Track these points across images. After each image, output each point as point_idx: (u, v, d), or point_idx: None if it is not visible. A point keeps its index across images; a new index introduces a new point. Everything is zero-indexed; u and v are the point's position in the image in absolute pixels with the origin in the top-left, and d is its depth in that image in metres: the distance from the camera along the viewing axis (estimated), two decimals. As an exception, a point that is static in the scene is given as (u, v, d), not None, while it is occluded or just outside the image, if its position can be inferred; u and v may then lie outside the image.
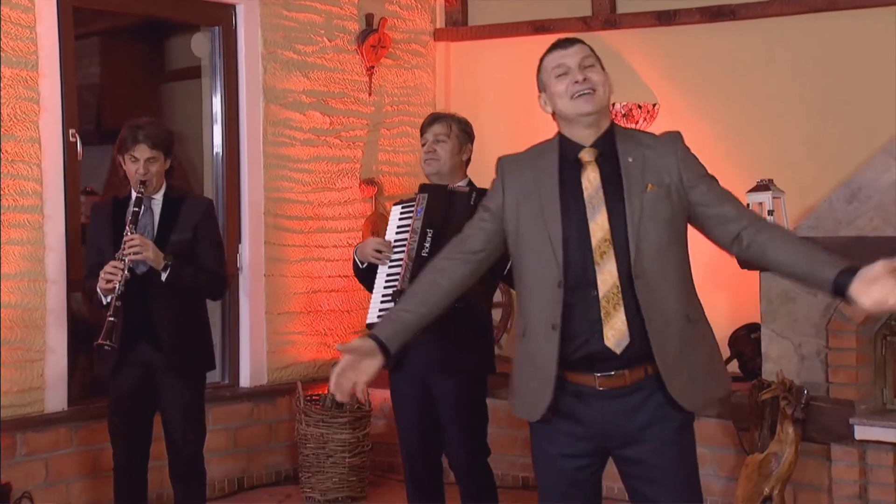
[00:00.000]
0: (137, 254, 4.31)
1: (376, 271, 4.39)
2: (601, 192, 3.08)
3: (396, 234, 4.40)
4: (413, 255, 4.27)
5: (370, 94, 6.59)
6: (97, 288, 4.37)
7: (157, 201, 4.52)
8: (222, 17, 6.05)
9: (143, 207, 4.44)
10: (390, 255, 4.34)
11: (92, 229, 4.65)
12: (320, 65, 6.37)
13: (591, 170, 3.11)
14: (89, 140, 5.55)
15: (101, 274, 4.32)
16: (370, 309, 4.37)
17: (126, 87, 7.32)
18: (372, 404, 5.98)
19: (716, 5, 5.96)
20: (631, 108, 5.83)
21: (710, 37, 6.02)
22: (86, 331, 5.09)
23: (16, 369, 5.11)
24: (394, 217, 4.46)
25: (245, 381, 6.07)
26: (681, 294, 3.08)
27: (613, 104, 5.83)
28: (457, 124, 4.49)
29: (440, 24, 6.93)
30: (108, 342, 4.24)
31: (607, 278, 3.03)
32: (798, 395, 4.86)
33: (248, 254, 6.05)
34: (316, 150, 6.34)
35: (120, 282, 4.27)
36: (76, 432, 5.28)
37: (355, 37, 6.52)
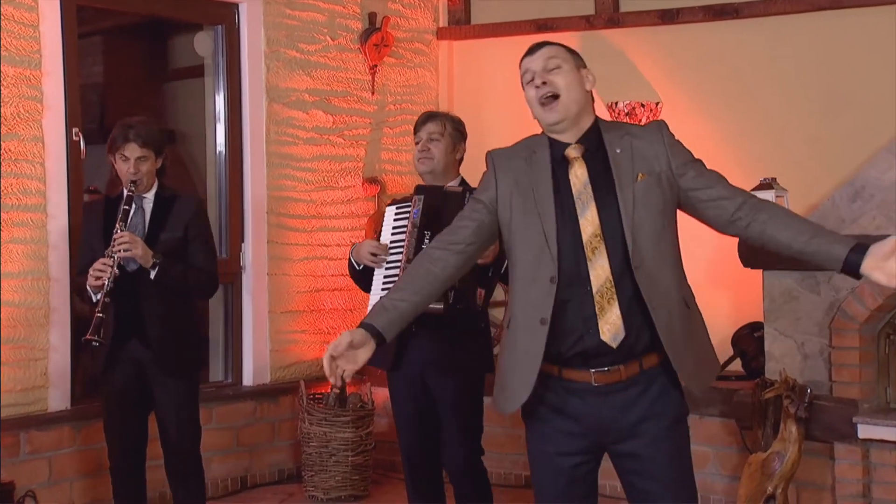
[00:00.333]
0: (127, 251, 4.32)
1: (373, 273, 4.39)
2: (589, 188, 3.10)
3: (392, 235, 4.39)
4: (411, 257, 4.26)
5: (373, 93, 6.59)
6: (87, 285, 4.37)
7: (149, 200, 4.53)
8: (225, 15, 6.05)
9: (133, 206, 4.45)
10: (386, 257, 4.34)
11: (84, 228, 4.66)
12: (323, 63, 6.37)
13: (578, 166, 3.13)
14: (92, 139, 5.55)
15: (91, 271, 4.33)
16: (368, 311, 4.35)
17: (129, 85, 7.32)
18: (375, 403, 5.98)
19: (719, 4, 5.96)
20: (634, 107, 5.82)
21: (713, 35, 6.02)
22: (87, 330, 5.09)
23: (19, 368, 5.11)
24: (388, 218, 4.44)
25: (248, 379, 6.07)
26: (677, 280, 3.12)
27: (616, 102, 5.84)
28: (450, 123, 4.49)
29: (443, 22, 6.93)
30: (95, 338, 4.24)
31: (600, 273, 3.05)
32: (801, 393, 4.86)
33: (251, 253, 6.05)
34: (319, 149, 6.35)
35: (109, 278, 4.27)
36: (79, 431, 5.28)
37: (358, 35, 6.52)
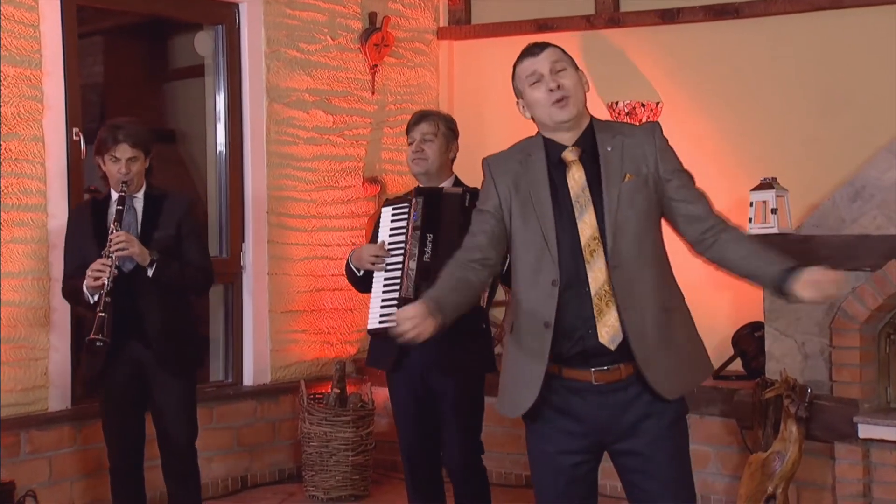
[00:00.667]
0: (123, 250, 4.32)
1: (372, 277, 4.39)
2: (587, 190, 3.12)
3: (390, 236, 4.38)
4: (415, 260, 4.26)
5: (373, 93, 6.59)
6: (83, 287, 4.37)
7: (139, 200, 4.54)
8: (226, 15, 6.05)
9: (126, 206, 4.45)
10: (386, 258, 4.34)
11: (71, 232, 4.64)
12: (324, 63, 6.37)
13: (575, 169, 3.14)
14: (93, 139, 5.48)
15: (88, 272, 4.32)
16: (370, 314, 4.36)
17: (129, 85, 7.32)
18: (375, 403, 5.98)
19: (719, 4, 5.95)
20: (634, 107, 5.82)
21: (714, 35, 6.01)
22: (88, 330, 5.08)
23: (19, 368, 5.12)
24: (385, 219, 4.43)
25: (248, 379, 6.07)
26: (657, 283, 3.12)
27: (617, 102, 5.84)
28: (443, 122, 4.48)
29: (443, 22, 6.93)
30: (100, 337, 4.24)
31: (598, 276, 3.07)
32: (801, 393, 4.86)
33: (252, 252, 6.05)
34: (319, 149, 6.34)
35: (108, 278, 4.28)
36: (79, 431, 5.28)
37: (358, 35, 6.52)
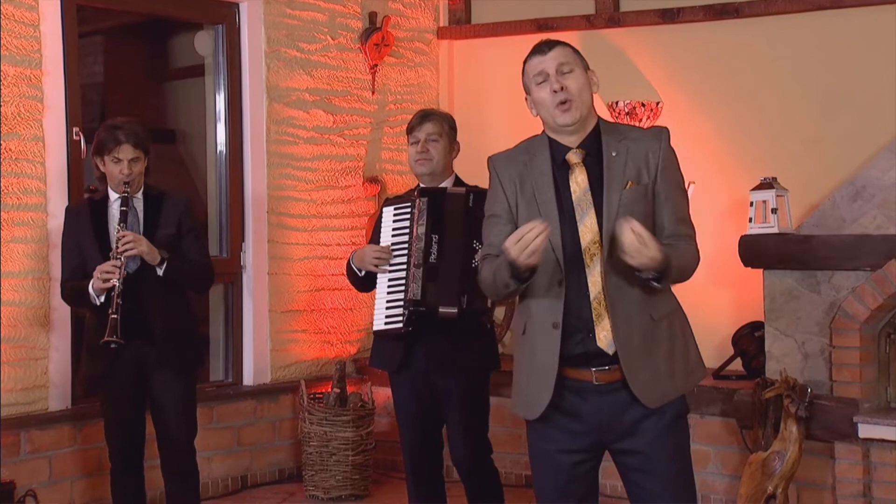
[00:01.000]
0: (132, 250, 4.33)
1: (374, 277, 4.38)
2: (589, 194, 3.12)
3: (392, 236, 4.38)
4: (420, 262, 4.25)
5: (373, 93, 6.59)
6: (89, 288, 4.37)
7: (139, 200, 4.54)
8: (226, 15, 6.05)
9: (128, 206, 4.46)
10: (389, 259, 4.33)
11: (70, 232, 4.61)
12: (324, 63, 6.37)
13: (578, 172, 3.14)
14: (93, 138, 5.54)
15: (97, 274, 4.33)
16: (375, 315, 4.36)
17: (129, 85, 7.32)
18: (375, 402, 5.98)
19: (719, 3, 5.95)
20: (634, 107, 5.82)
21: (714, 35, 6.01)
22: (88, 330, 5.08)
23: (19, 367, 5.12)
24: (387, 219, 4.42)
25: (248, 379, 6.07)
26: (646, 292, 3.10)
27: (617, 102, 5.84)
28: (447, 122, 4.48)
29: (443, 22, 6.93)
30: (114, 339, 4.25)
31: (596, 280, 3.08)
32: (801, 393, 4.86)
33: (252, 252, 6.05)
34: (319, 149, 6.34)
35: (119, 279, 4.28)
36: (79, 430, 5.28)
37: (359, 35, 6.52)
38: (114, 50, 7.18)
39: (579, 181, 3.12)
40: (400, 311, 4.26)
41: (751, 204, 5.26)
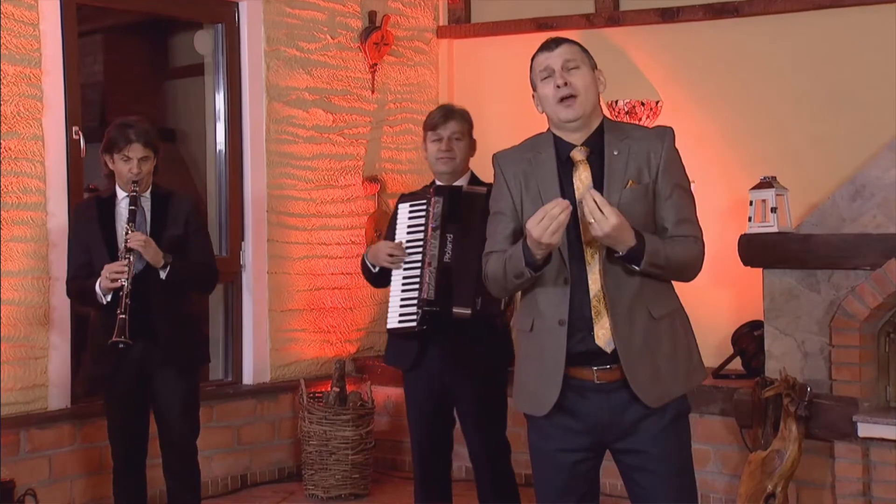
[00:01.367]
0: (139, 249, 4.33)
1: (389, 273, 4.37)
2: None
3: (408, 233, 4.36)
4: (435, 261, 4.24)
5: (373, 92, 6.59)
6: (96, 287, 4.37)
7: (146, 199, 4.54)
8: (225, 14, 6.05)
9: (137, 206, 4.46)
10: (404, 257, 4.32)
11: (77, 230, 4.62)
12: (323, 62, 6.37)
13: (582, 169, 3.14)
14: (92, 137, 5.54)
15: (105, 273, 4.33)
16: (389, 313, 4.34)
17: (129, 84, 7.32)
18: (375, 401, 5.98)
19: (719, 2, 5.95)
20: (634, 106, 5.82)
21: (714, 34, 6.01)
22: (88, 330, 5.08)
23: (19, 366, 5.11)
24: (402, 216, 4.40)
25: (248, 378, 6.07)
26: (646, 291, 3.10)
27: (616, 101, 5.84)
28: (468, 121, 4.46)
29: (443, 21, 6.93)
30: (122, 339, 4.25)
31: (596, 278, 3.08)
32: (801, 392, 4.86)
33: (251, 251, 6.05)
34: (319, 148, 6.34)
35: (128, 279, 4.29)
36: (79, 430, 5.28)
37: (358, 34, 6.52)
38: (113, 49, 7.19)
39: (583, 178, 3.12)
40: (414, 309, 4.25)
41: (750, 203, 5.26)
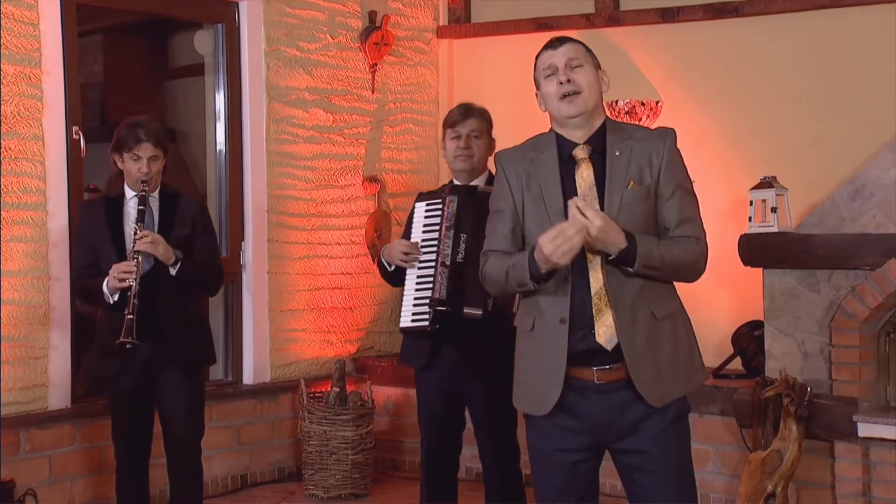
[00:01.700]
0: (149, 249, 4.33)
1: (405, 272, 4.37)
2: (594, 189, 3.13)
3: (423, 232, 4.35)
4: (448, 261, 4.23)
5: (373, 92, 6.59)
6: (104, 287, 4.38)
7: (155, 198, 4.54)
8: (225, 14, 6.05)
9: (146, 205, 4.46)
10: (418, 256, 4.31)
11: (84, 228, 4.62)
12: (323, 62, 6.37)
13: (584, 167, 3.14)
14: (93, 137, 5.55)
15: (114, 273, 4.33)
16: (403, 312, 4.33)
17: (129, 84, 7.32)
18: (375, 401, 5.98)
19: (719, 2, 5.95)
20: (634, 106, 5.82)
21: (714, 34, 6.01)
22: (88, 329, 5.08)
23: (19, 366, 5.12)
24: (419, 215, 4.40)
25: (248, 378, 6.07)
26: (648, 291, 3.11)
27: (616, 101, 5.83)
28: (487, 119, 4.46)
29: (443, 21, 6.93)
30: (129, 339, 4.25)
31: (597, 276, 3.09)
32: (801, 392, 4.86)
33: (251, 251, 6.05)
34: (319, 148, 6.34)
35: (136, 280, 4.29)
36: (79, 430, 5.28)
37: (358, 34, 6.52)
38: (113, 49, 7.19)
39: (585, 176, 3.13)
40: (426, 309, 4.25)
41: (750, 203, 5.26)
